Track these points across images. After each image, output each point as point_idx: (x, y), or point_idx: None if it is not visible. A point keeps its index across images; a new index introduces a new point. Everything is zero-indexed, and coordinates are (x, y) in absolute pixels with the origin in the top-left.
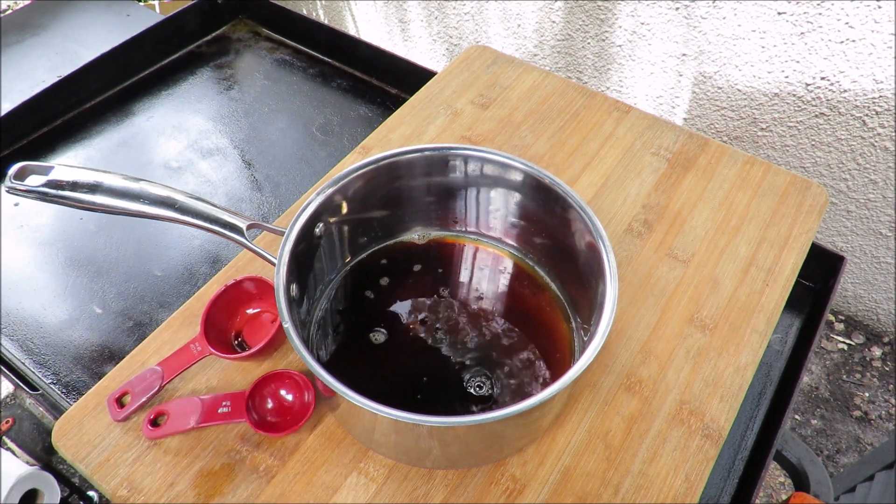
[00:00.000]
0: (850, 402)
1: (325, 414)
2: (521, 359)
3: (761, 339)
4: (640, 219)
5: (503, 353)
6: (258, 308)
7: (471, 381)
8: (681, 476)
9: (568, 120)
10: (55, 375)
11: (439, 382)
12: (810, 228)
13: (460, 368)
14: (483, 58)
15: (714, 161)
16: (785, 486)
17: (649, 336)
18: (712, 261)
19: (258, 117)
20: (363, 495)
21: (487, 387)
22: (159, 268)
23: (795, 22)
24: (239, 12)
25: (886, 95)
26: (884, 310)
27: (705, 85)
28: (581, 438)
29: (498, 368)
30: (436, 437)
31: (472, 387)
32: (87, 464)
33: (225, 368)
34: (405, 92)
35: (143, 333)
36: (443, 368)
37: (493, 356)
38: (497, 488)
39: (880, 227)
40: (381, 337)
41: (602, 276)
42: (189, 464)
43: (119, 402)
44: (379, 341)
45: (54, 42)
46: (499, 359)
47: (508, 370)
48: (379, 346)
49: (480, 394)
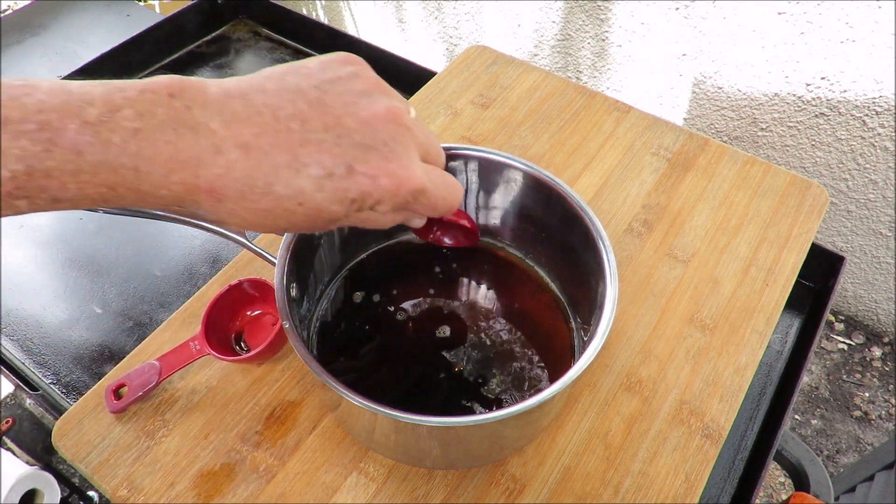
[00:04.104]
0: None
1: (325, 414)
2: (521, 359)
3: (761, 339)
4: (640, 219)
5: (503, 353)
6: (259, 310)
7: (470, 381)
8: (681, 476)
9: (568, 120)
10: (55, 375)
11: (439, 382)
12: (810, 228)
13: (460, 368)
14: (483, 58)
15: (714, 161)
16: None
17: (649, 336)
18: (712, 261)
19: None
20: (363, 495)
21: (487, 386)
22: (159, 268)
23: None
24: (239, 12)
25: (886, 95)
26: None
27: (705, 85)
28: (581, 438)
29: (498, 368)
30: (436, 437)
31: (471, 387)
32: (87, 464)
33: (225, 368)
34: (405, 92)
35: (143, 333)
36: (443, 368)
37: (492, 356)
38: (497, 488)
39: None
40: (380, 336)
41: (602, 276)
42: (189, 464)
43: (116, 394)
44: (378, 341)
45: (54, 42)
46: (498, 359)
47: (508, 370)
48: (378, 345)
49: (480, 393)
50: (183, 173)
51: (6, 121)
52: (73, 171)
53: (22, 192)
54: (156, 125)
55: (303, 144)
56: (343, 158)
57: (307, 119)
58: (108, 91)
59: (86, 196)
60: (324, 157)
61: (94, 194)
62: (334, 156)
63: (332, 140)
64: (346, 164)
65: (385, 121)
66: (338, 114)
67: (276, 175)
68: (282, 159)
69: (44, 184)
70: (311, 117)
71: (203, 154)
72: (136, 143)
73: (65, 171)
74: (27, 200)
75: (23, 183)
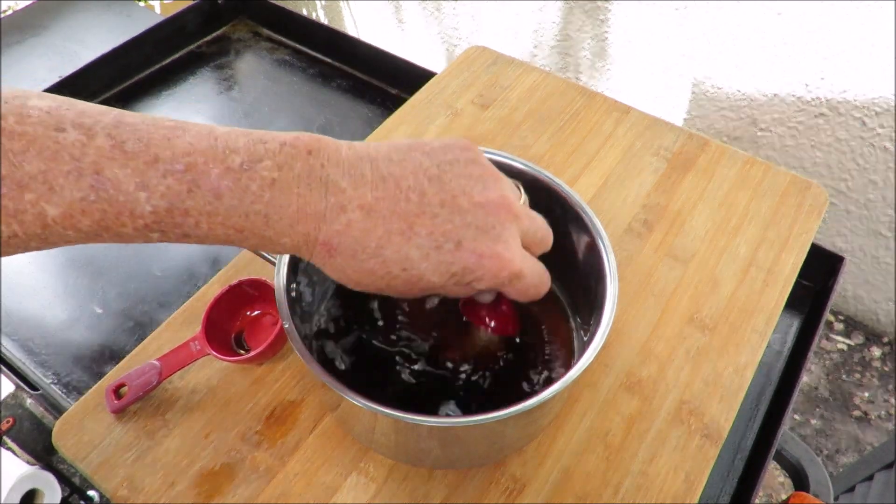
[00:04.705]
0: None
1: (325, 414)
2: (521, 359)
3: (761, 339)
4: (640, 219)
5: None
6: (259, 310)
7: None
8: (681, 476)
9: (568, 120)
10: (55, 375)
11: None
12: (810, 228)
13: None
14: (483, 58)
15: (714, 161)
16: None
17: (649, 336)
18: (712, 261)
19: (258, 117)
20: (363, 495)
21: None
22: (159, 268)
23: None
24: (239, 12)
25: (886, 95)
26: (883, 310)
27: (705, 85)
28: (581, 438)
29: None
30: (436, 437)
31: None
32: (87, 463)
33: (225, 368)
34: (405, 92)
35: (143, 333)
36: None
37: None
38: (497, 488)
39: (880, 227)
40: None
41: (602, 276)
42: (189, 464)
43: (116, 394)
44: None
45: (55, 42)
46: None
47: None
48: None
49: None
50: (307, 226)
51: (156, 159)
52: (209, 213)
53: (158, 227)
54: (292, 178)
55: (418, 216)
56: (454, 234)
57: (425, 193)
58: (252, 141)
59: (214, 236)
60: (436, 231)
61: (222, 235)
62: (445, 231)
63: (445, 216)
64: (456, 240)
65: (496, 206)
66: (454, 193)
67: (388, 239)
68: (397, 226)
69: (180, 221)
70: (430, 192)
71: (328, 210)
72: (272, 192)
73: (202, 212)
74: (160, 234)
75: (162, 218)
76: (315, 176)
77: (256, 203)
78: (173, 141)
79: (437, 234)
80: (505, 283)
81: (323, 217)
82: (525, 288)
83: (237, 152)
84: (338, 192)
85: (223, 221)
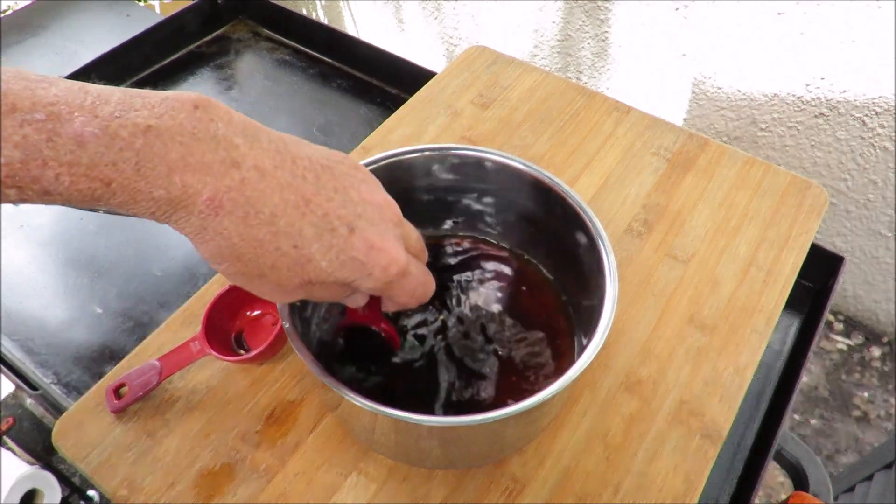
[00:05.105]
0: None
1: (325, 414)
2: (521, 359)
3: (761, 339)
4: (640, 219)
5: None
6: (259, 310)
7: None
8: (680, 476)
9: (568, 120)
10: (55, 375)
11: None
12: (810, 228)
13: (460, 368)
14: (483, 58)
15: (714, 161)
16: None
17: (649, 336)
18: (712, 261)
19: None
20: (363, 495)
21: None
22: (159, 268)
23: (795, 22)
24: (239, 12)
25: (886, 95)
26: (883, 310)
27: (705, 85)
28: (581, 438)
29: (497, 368)
30: (436, 437)
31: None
32: (87, 463)
33: (226, 369)
34: (405, 92)
35: (143, 333)
36: (442, 368)
37: (492, 356)
38: (497, 488)
39: (880, 227)
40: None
41: (602, 276)
42: (189, 464)
43: (116, 394)
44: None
45: (54, 42)
46: (498, 358)
47: (508, 370)
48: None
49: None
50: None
51: (13, 108)
52: (70, 163)
53: (13, 182)
54: (172, 126)
55: (315, 195)
56: (347, 219)
57: (320, 177)
58: (129, 95)
59: (78, 191)
60: (331, 213)
61: (87, 190)
62: (340, 215)
63: (339, 201)
64: (350, 226)
65: (382, 206)
66: (345, 185)
67: (283, 209)
68: (293, 199)
69: (37, 174)
70: (323, 178)
71: (217, 164)
72: (146, 138)
73: (62, 162)
74: (17, 190)
75: (16, 171)
76: (203, 128)
77: (126, 150)
78: (36, 91)
79: (333, 216)
80: (393, 282)
81: (209, 169)
82: (413, 287)
83: (108, 103)
84: (231, 147)
85: (86, 172)
